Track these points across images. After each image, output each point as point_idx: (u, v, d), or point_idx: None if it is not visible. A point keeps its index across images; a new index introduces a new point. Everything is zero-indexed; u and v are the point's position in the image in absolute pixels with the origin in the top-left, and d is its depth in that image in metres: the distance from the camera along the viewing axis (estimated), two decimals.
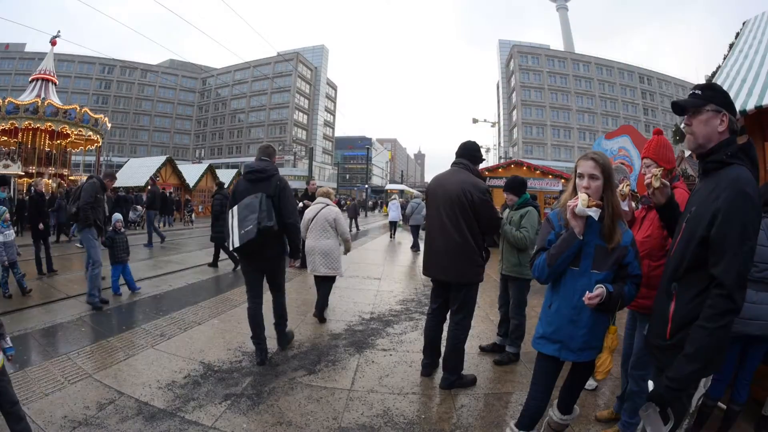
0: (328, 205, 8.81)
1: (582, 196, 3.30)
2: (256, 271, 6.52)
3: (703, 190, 2.77)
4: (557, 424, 3.79)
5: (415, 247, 20.67)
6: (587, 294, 3.26)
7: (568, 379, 3.76)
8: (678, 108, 2.96)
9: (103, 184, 9.47)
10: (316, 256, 8.45)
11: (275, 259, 6.57)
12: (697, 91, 2.88)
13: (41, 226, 11.85)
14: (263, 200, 6.05)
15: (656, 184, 3.18)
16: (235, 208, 6.13)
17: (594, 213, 3.27)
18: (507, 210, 6.82)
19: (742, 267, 2.47)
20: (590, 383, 5.57)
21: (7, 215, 9.13)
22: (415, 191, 59.79)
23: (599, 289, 3.26)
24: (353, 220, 32.98)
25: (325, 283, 8.69)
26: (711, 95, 2.83)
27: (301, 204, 11.00)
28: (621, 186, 4.18)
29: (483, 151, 5.73)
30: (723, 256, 2.49)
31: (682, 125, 3.03)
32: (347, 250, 9.22)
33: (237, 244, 5.94)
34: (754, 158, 2.74)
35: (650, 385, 2.76)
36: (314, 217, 8.59)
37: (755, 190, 2.57)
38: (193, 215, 34.88)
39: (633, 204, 4.32)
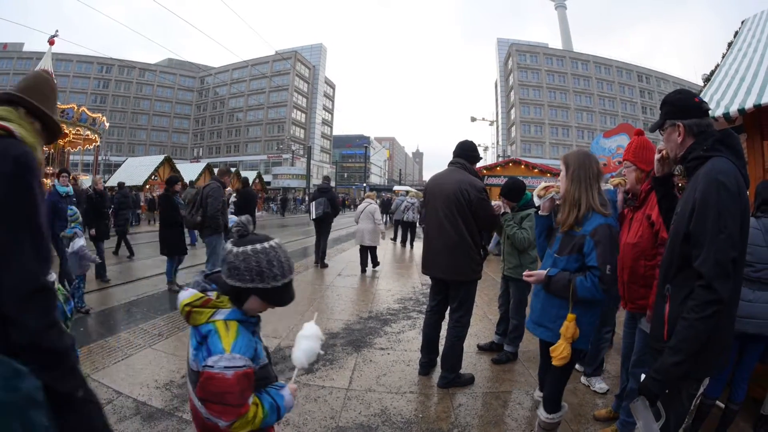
0: (371, 203, 14.16)
1: (540, 184, 3.98)
2: (318, 229, 14.14)
3: (687, 190, 2.78)
4: (545, 423, 3.85)
5: (397, 241, 22.74)
6: (527, 271, 3.89)
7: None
8: (653, 129, 3.10)
9: (224, 184, 9.40)
10: (364, 233, 13.61)
11: (326, 224, 13.97)
12: (660, 110, 3.00)
13: (93, 231, 10.97)
14: (325, 201, 13.62)
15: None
16: (313, 203, 13.78)
17: (537, 199, 4.03)
18: (507, 213, 6.78)
19: (721, 255, 2.43)
20: (601, 386, 5.65)
21: (80, 218, 8.55)
22: (413, 189, 59.95)
23: (539, 272, 3.77)
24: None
25: (372, 250, 14.01)
26: (666, 111, 2.93)
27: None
28: (611, 180, 4.25)
29: (481, 149, 5.75)
30: (702, 247, 2.49)
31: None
32: (383, 233, 14.57)
33: (314, 217, 13.61)
34: (732, 146, 2.72)
35: (642, 378, 2.76)
36: (364, 209, 13.86)
37: (731, 176, 2.54)
38: None
39: (621, 196, 4.33)
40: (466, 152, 5.87)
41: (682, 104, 2.88)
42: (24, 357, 1.78)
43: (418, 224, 22.32)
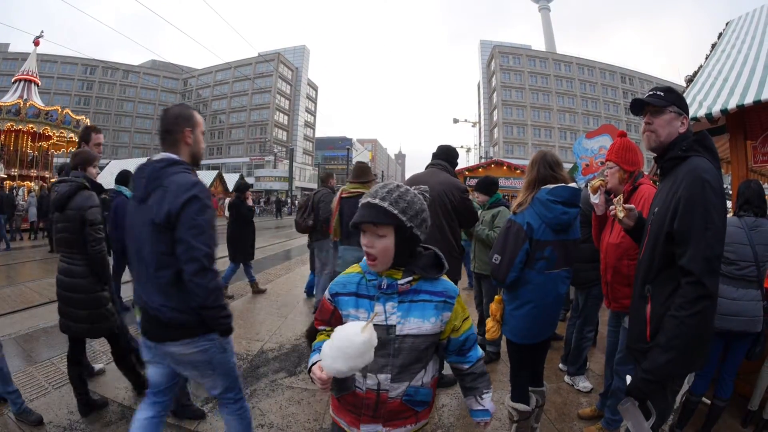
0: None
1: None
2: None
3: (664, 189, 2.79)
4: (508, 409, 4.05)
5: None
6: None
7: None
8: (638, 105, 2.95)
9: (332, 188, 9.40)
10: None
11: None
12: (659, 93, 2.90)
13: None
14: None
15: (621, 215, 3.25)
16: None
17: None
18: (479, 210, 6.84)
19: (709, 251, 2.43)
20: (585, 385, 5.70)
21: None
22: None
23: None
24: None
25: None
26: (674, 98, 2.86)
27: None
28: (592, 180, 4.28)
29: (464, 151, 6.02)
30: (688, 244, 2.47)
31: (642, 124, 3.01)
32: None
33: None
34: (709, 147, 2.73)
35: (628, 379, 2.74)
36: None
37: (714, 175, 2.56)
38: None
39: (602, 198, 4.36)
40: (449, 156, 5.85)
41: (685, 101, 2.89)
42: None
43: None
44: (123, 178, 8.88)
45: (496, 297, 4.01)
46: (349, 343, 1.97)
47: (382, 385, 2.20)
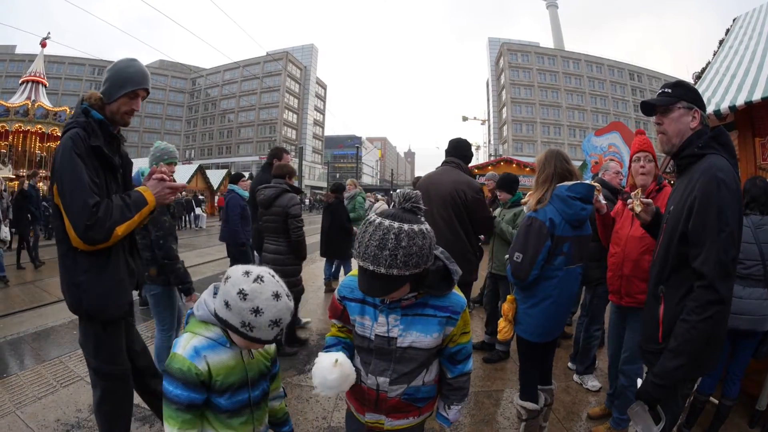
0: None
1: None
2: None
3: (680, 188, 2.74)
4: (517, 407, 4.04)
5: None
6: None
7: None
8: (647, 107, 2.91)
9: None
10: None
11: None
12: (666, 90, 2.84)
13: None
14: None
15: (638, 209, 3.23)
16: None
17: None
18: (499, 208, 6.81)
19: (723, 255, 2.37)
20: (593, 384, 5.69)
21: None
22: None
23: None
24: None
25: None
26: (682, 93, 2.79)
27: None
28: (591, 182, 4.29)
29: (473, 149, 5.85)
30: (702, 246, 2.42)
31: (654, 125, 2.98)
32: None
33: None
34: (726, 144, 2.67)
35: (639, 383, 2.73)
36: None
37: (730, 174, 2.49)
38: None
39: (601, 199, 4.36)
40: (461, 151, 5.70)
41: (696, 93, 2.84)
42: None
43: None
44: (235, 178, 9.12)
45: (509, 297, 4.00)
46: (325, 380, 2.21)
47: (380, 387, 2.31)
